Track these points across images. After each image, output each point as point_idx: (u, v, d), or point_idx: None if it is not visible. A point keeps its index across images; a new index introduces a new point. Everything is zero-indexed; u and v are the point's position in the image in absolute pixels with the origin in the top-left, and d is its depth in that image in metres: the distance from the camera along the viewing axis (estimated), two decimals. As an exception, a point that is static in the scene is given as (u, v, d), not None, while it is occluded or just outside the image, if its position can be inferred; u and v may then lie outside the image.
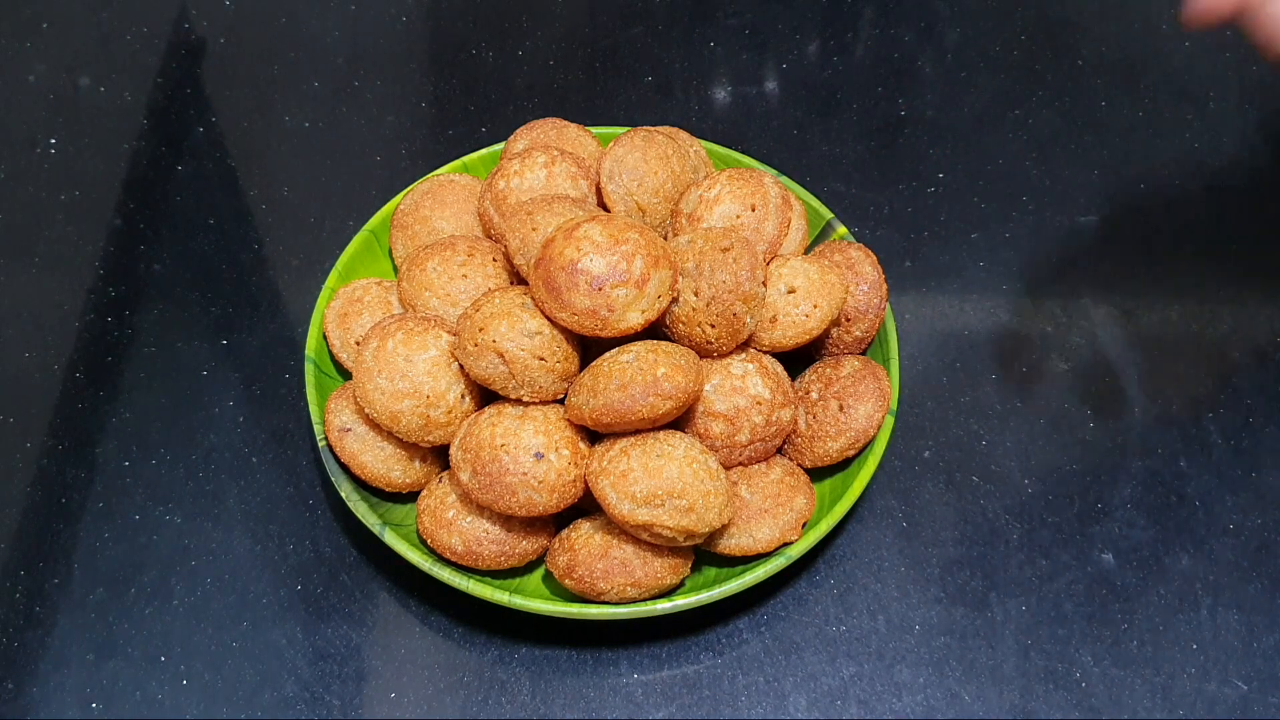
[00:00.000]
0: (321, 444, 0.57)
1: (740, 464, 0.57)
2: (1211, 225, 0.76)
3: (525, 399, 0.54)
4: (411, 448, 0.57)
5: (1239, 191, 0.78)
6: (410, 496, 0.59)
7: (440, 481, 0.56)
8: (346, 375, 0.62)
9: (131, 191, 0.78)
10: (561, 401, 0.55)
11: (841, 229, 0.65)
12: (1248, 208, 0.77)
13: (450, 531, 0.54)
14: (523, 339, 0.53)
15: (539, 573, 0.57)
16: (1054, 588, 0.60)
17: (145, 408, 0.66)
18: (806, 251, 0.65)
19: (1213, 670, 0.57)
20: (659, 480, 0.51)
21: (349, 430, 0.56)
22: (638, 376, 0.51)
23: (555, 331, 0.54)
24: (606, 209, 0.61)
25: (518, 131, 0.68)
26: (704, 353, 0.56)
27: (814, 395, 0.59)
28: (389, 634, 0.58)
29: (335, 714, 0.55)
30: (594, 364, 0.54)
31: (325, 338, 0.62)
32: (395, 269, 0.67)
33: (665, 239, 0.59)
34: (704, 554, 0.57)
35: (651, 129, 0.63)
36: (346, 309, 0.62)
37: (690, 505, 0.51)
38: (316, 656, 0.57)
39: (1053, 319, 0.71)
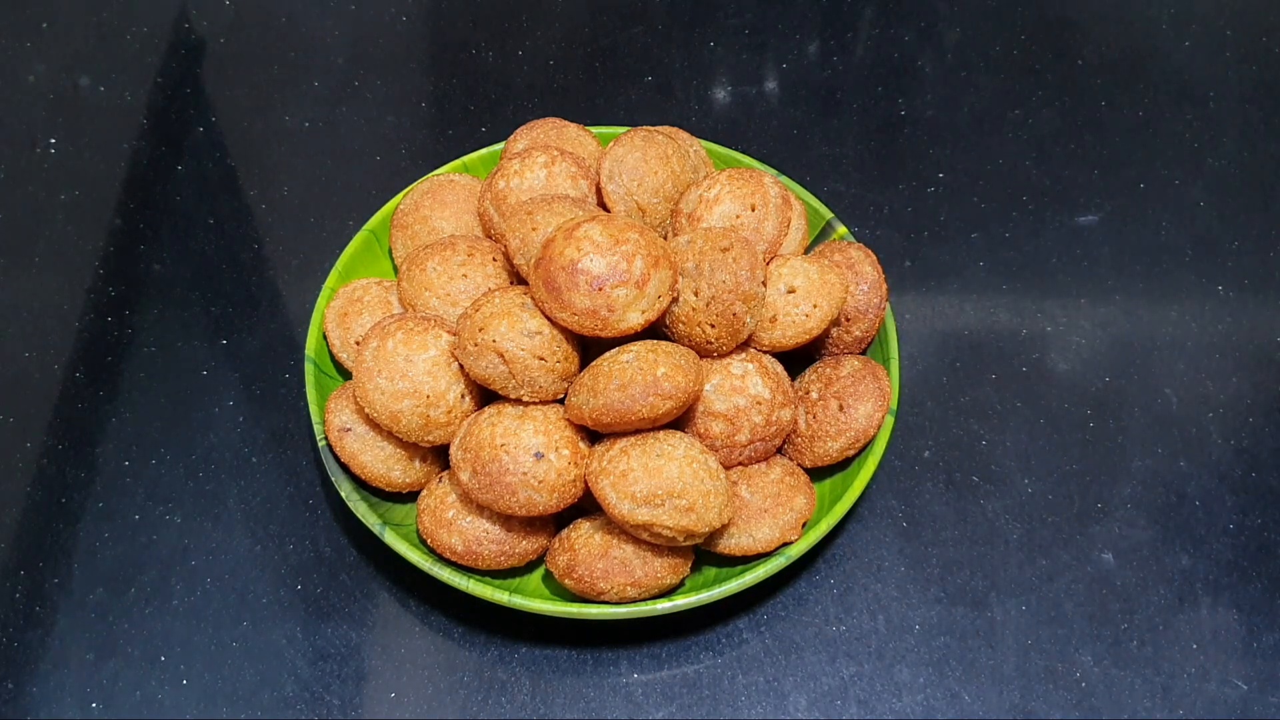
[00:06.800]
0: (321, 444, 0.57)
1: (740, 464, 0.57)
2: (1211, 225, 0.76)
3: (525, 399, 0.54)
4: (411, 448, 0.57)
5: (1239, 191, 0.78)
6: (410, 496, 0.59)
7: (440, 481, 0.56)
8: (346, 375, 0.62)
9: (131, 191, 0.78)
10: (561, 401, 0.55)
11: (841, 229, 0.65)
12: (1248, 208, 0.77)
13: (450, 531, 0.54)
14: (523, 339, 0.53)
15: (539, 573, 0.57)
16: (1054, 588, 0.60)
17: (145, 408, 0.66)
18: (806, 251, 0.65)
19: (1213, 670, 0.57)
20: (659, 480, 0.51)
21: (349, 430, 0.56)
22: (638, 376, 0.51)
23: (555, 331, 0.54)
24: (606, 209, 0.61)
25: (518, 131, 0.68)
26: (704, 353, 0.56)
27: (814, 395, 0.59)
28: (389, 634, 0.58)
29: (335, 714, 0.55)
30: (594, 364, 0.54)
31: (325, 338, 0.62)
32: (395, 269, 0.67)
33: (665, 239, 0.59)
34: (704, 554, 0.57)
35: (651, 129, 0.63)
36: (346, 309, 0.62)
37: (690, 505, 0.51)
38: (316, 656, 0.57)
39: (1053, 319, 0.71)
